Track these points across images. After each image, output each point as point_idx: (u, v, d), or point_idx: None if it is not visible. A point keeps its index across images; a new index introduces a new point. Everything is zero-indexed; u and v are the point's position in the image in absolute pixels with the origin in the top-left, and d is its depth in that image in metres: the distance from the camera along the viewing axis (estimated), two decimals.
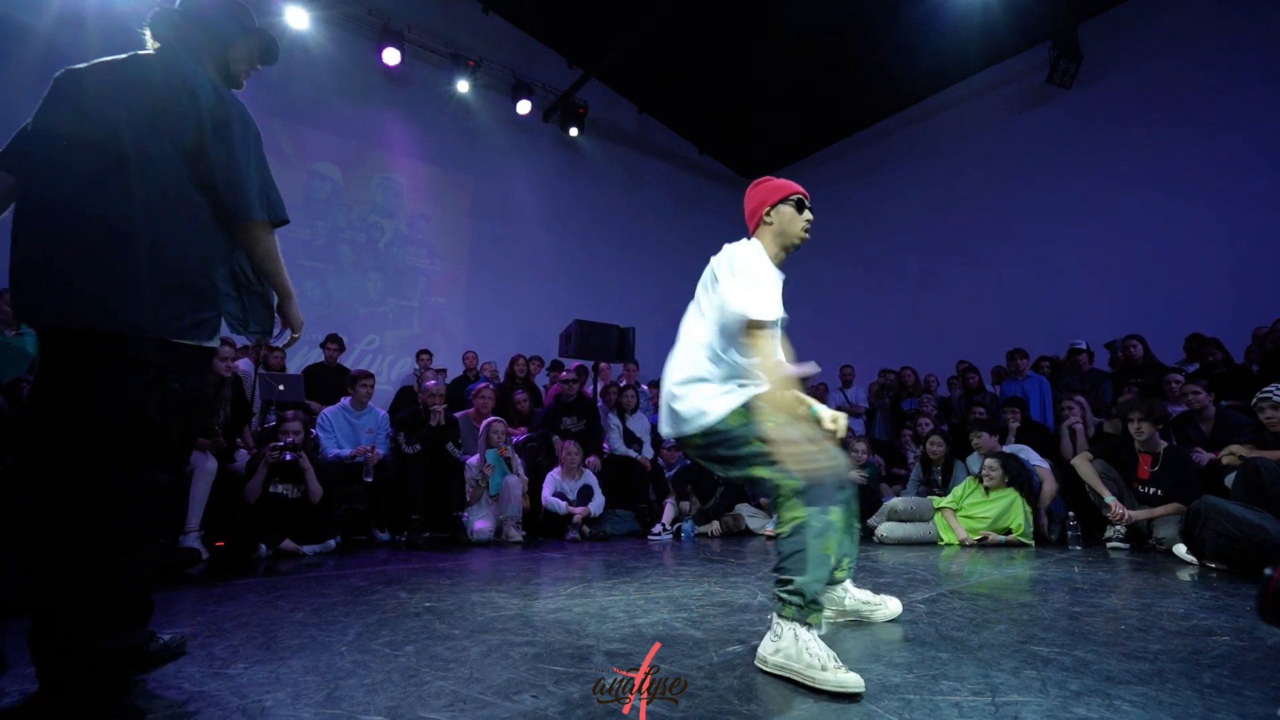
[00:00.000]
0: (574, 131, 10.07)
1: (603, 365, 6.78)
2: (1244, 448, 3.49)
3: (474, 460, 4.75)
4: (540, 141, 10.24)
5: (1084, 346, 6.15)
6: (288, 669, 1.58)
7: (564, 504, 4.79)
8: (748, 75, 10.23)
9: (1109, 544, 3.98)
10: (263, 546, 3.63)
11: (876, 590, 2.21)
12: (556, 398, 5.87)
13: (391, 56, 8.07)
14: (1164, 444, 3.91)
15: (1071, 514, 4.10)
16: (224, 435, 3.90)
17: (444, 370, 7.28)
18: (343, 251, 8.04)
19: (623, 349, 6.06)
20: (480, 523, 4.47)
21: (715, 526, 5.08)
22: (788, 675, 1.48)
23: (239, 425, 4.38)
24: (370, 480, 4.32)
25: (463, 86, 8.95)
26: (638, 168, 11.44)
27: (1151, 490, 3.86)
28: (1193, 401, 4.35)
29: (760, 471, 1.63)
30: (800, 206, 2.06)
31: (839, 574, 2.07)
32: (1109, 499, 3.94)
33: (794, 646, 1.49)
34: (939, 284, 9.50)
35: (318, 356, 6.14)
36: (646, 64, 10.31)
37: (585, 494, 4.95)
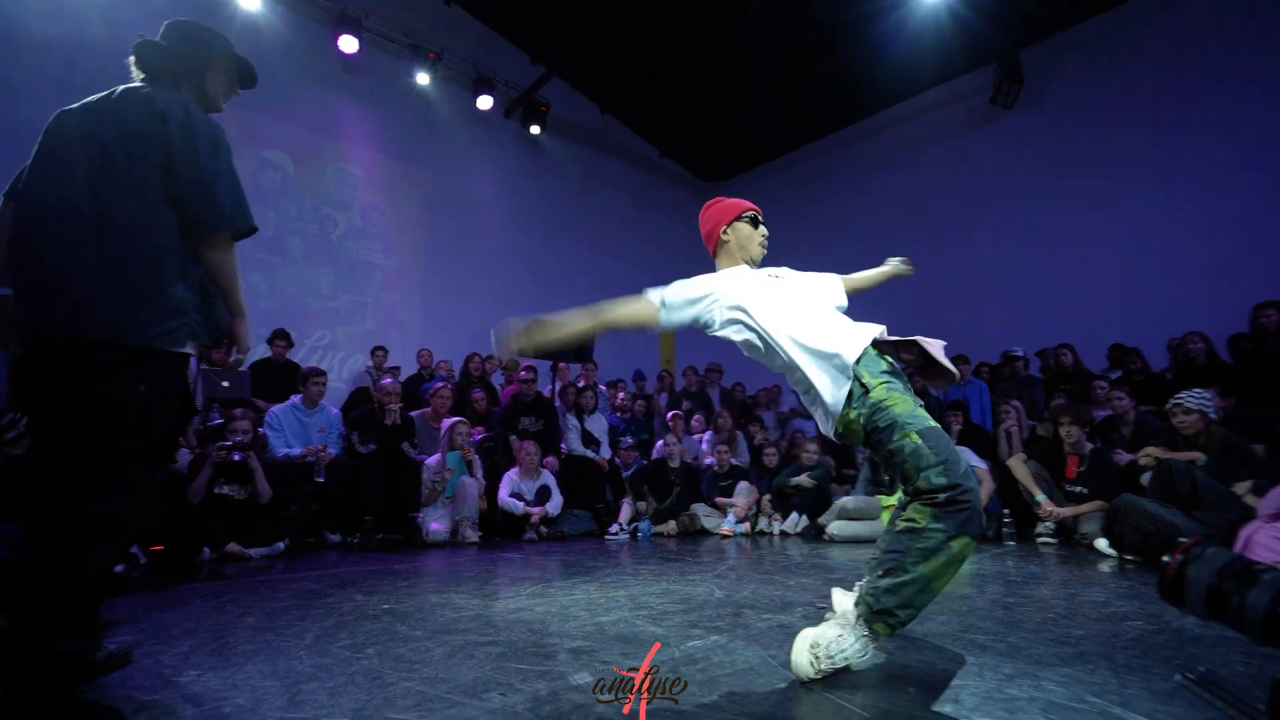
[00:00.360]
0: (536, 129, 10.01)
1: (561, 365, 6.78)
2: (1159, 449, 3.77)
3: (431, 460, 4.69)
4: (501, 138, 10.14)
5: (1020, 354, 6.49)
6: (244, 675, 1.56)
7: (521, 504, 4.79)
8: (710, 80, 10.38)
9: (1039, 539, 4.24)
10: (206, 550, 3.51)
11: (829, 585, 2.31)
12: (514, 397, 5.85)
13: (348, 44, 7.87)
14: (1090, 446, 4.18)
15: (1007, 511, 4.34)
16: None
17: (397, 368, 7.15)
18: (293, 244, 7.79)
19: (581, 350, 6.08)
20: (435, 524, 4.42)
21: (671, 526, 5.16)
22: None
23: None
24: (321, 480, 4.22)
25: (422, 79, 8.79)
26: (599, 168, 11.45)
27: (1078, 489, 4.12)
28: (1116, 407, 4.66)
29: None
30: (754, 222, 2.13)
31: None
32: (1040, 497, 4.20)
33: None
34: (888, 292, 9.82)
35: (265, 352, 5.93)
36: (610, 64, 10.34)
37: (543, 494, 4.95)
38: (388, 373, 6.34)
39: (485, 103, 9.42)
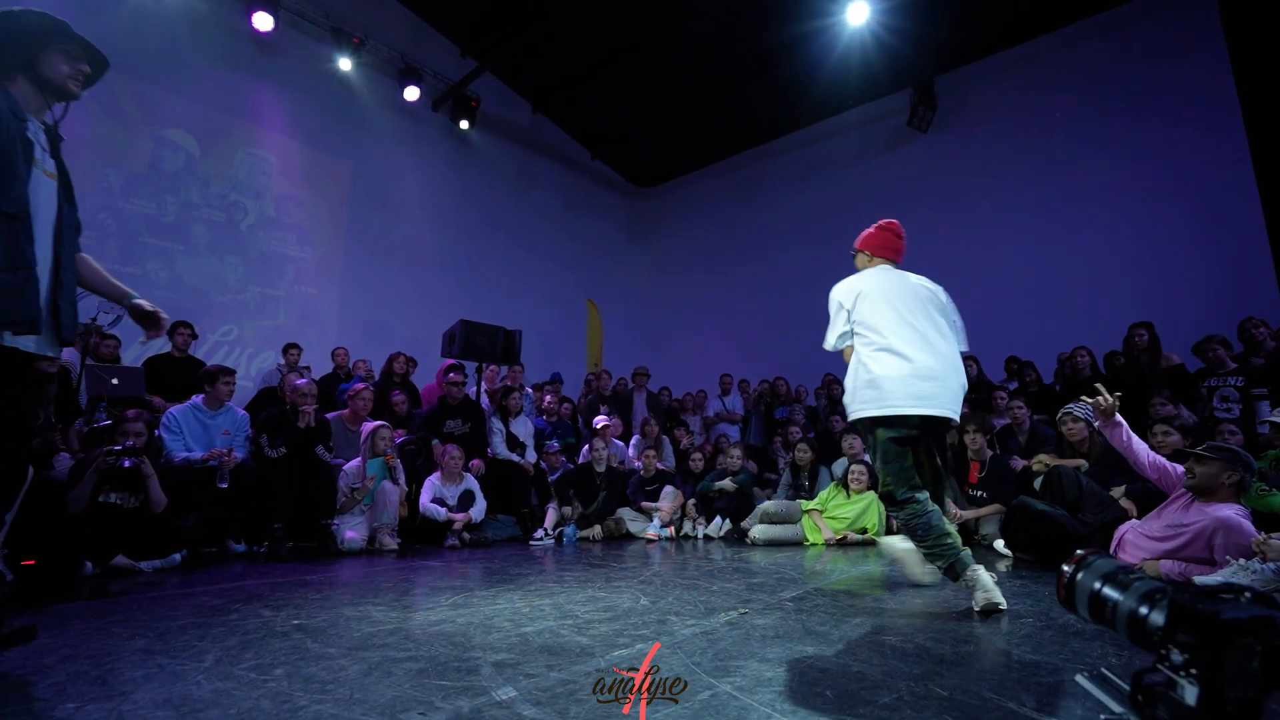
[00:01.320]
0: (465, 124, 9.79)
1: (488, 367, 6.64)
2: (1049, 456, 4.11)
3: (350, 466, 4.48)
4: (428, 131, 9.84)
5: None
6: (132, 705, 1.43)
7: (444, 510, 4.64)
8: (644, 85, 10.46)
9: None
10: (89, 564, 3.20)
11: (750, 590, 2.37)
12: (440, 400, 5.67)
13: (263, 21, 7.43)
14: (990, 453, 4.49)
15: None
16: (43, 437, 3.39)
17: (308, 367, 6.76)
18: (196, 231, 7.25)
19: (509, 351, 5.97)
20: (351, 531, 4.22)
21: (597, 531, 5.15)
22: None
23: (62, 425, 3.83)
24: (225, 486, 3.94)
25: (345, 65, 8.42)
26: (529, 167, 11.31)
27: (979, 493, 4.42)
28: (1014, 416, 5.04)
29: None
30: None
31: None
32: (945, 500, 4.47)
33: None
34: (810, 300, 10.23)
35: (162, 346, 5.48)
36: (543, 63, 10.24)
37: (466, 499, 4.82)
38: (300, 372, 5.99)
39: (412, 94, 9.13)
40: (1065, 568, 1.09)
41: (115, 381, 4.31)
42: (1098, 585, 1.03)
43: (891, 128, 9.79)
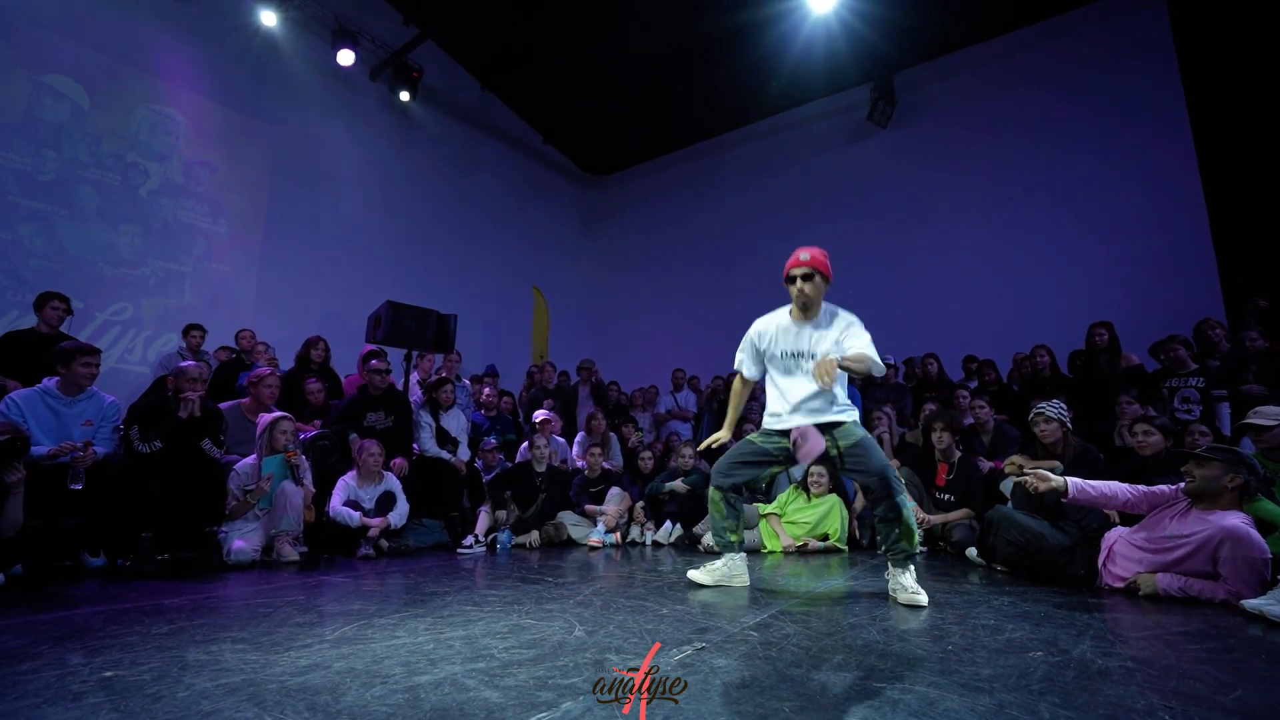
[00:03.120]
0: (405, 95, 9.09)
1: (428, 356, 6.04)
2: (1023, 458, 3.85)
3: (242, 465, 3.84)
4: (363, 101, 9.09)
5: (891, 361, 6.67)
6: None
7: (358, 515, 4.06)
8: (600, 70, 9.98)
9: None
10: None
11: (706, 614, 1.95)
12: (361, 389, 5.05)
13: None
14: (958, 454, 4.22)
15: None
16: None
17: (230, 349, 5.98)
18: (83, 193, 6.37)
19: (441, 337, 5.40)
20: (240, 540, 3.59)
21: (534, 537, 4.65)
22: None
23: None
24: (79, 488, 3.26)
25: (269, 19, 7.64)
26: (475, 147, 10.65)
27: (947, 497, 4.14)
28: (979, 415, 4.80)
29: None
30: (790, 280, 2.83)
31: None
32: (911, 504, 4.17)
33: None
34: (766, 295, 9.97)
35: (25, 320, 4.68)
36: (493, 37, 9.63)
37: (386, 502, 4.25)
38: (197, 355, 5.27)
39: (346, 58, 8.37)
40: None
41: None
42: None
43: (852, 122, 9.62)
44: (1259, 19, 6.92)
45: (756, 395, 5.48)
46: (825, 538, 4.30)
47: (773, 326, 2.97)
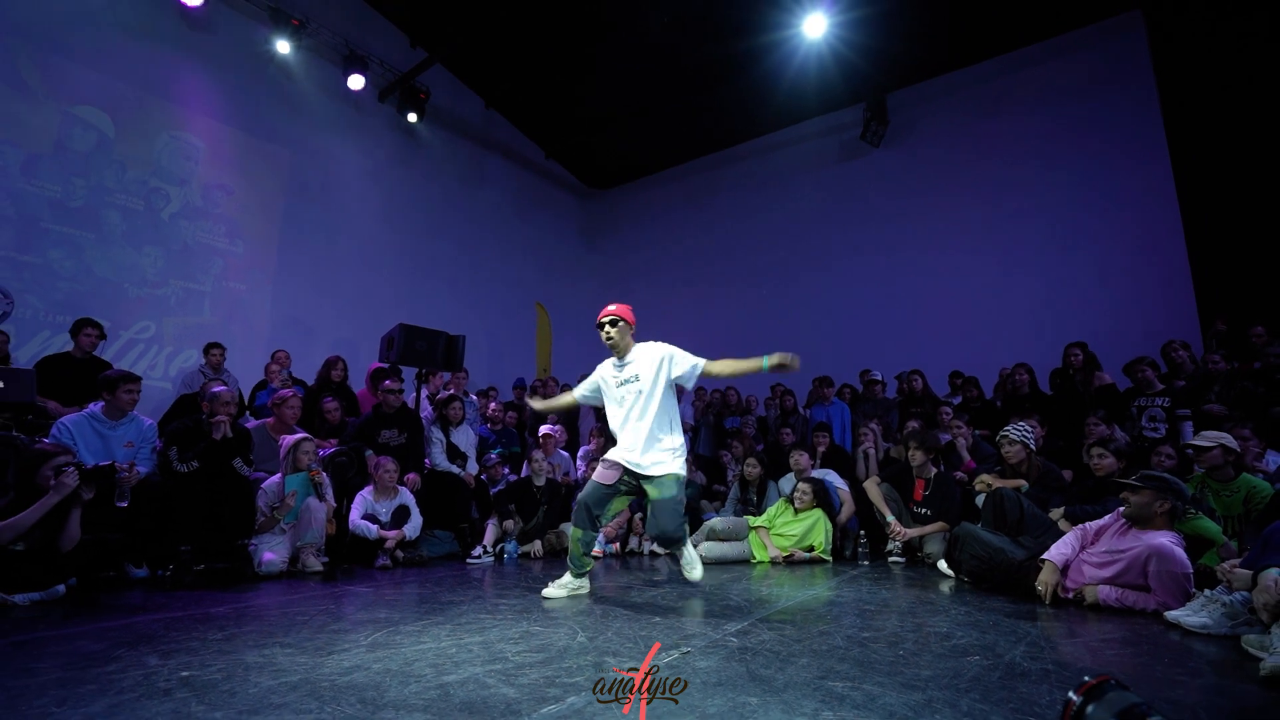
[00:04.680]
0: (413, 117, 9.41)
1: (430, 373, 6.35)
2: (991, 476, 4.15)
3: (269, 484, 4.15)
4: (373, 123, 9.42)
5: (878, 377, 6.97)
6: None
7: (375, 528, 4.37)
8: (601, 85, 10.30)
9: (889, 558, 4.52)
10: None
11: (694, 621, 2.24)
12: (376, 408, 5.36)
13: None
14: (935, 470, 4.52)
15: (863, 532, 4.60)
16: None
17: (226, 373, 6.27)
18: (110, 218, 6.69)
19: (451, 357, 5.71)
20: (269, 553, 3.90)
21: (537, 546, 4.96)
22: None
23: None
24: (125, 505, 3.57)
25: (283, 47, 7.96)
26: (479, 164, 10.98)
27: (924, 511, 4.44)
28: (956, 434, 5.10)
29: None
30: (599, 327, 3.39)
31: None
32: (890, 518, 4.48)
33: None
34: (760, 308, 10.30)
35: (61, 345, 4.99)
36: (497, 57, 9.96)
37: (400, 515, 4.56)
38: (218, 379, 5.57)
39: (356, 82, 8.71)
40: (1073, 697, 0.99)
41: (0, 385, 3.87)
42: None
43: (845, 141, 9.93)
44: (1236, 46, 7.23)
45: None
46: (811, 549, 4.60)
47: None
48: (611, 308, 3.50)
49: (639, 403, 3.32)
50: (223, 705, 1.70)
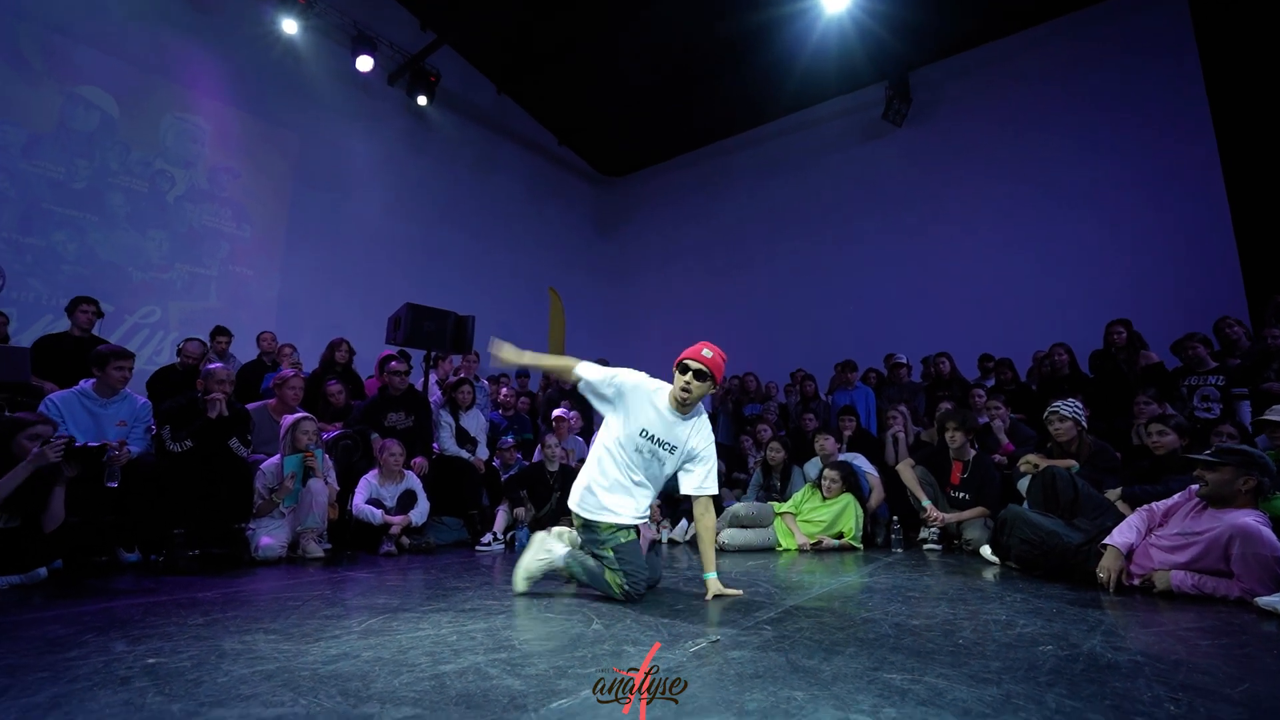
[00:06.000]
0: (423, 100, 9.21)
1: (448, 357, 6.14)
2: (1038, 456, 3.85)
3: (268, 465, 3.95)
4: (383, 106, 9.23)
5: (904, 360, 6.66)
6: None
7: (380, 513, 4.16)
8: (614, 71, 10.04)
9: (924, 545, 4.23)
10: None
11: (720, 609, 1.99)
12: (382, 390, 5.16)
13: None
14: (973, 452, 4.22)
15: (895, 518, 4.31)
16: None
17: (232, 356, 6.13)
18: (114, 200, 6.56)
19: (460, 338, 5.49)
20: (267, 538, 3.70)
21: None
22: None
23: None
24: (115, 485, 3.38)
25: (289, 27, 7.78)
26: (491, 149, 10.77)
27: (961, 495, 4.15)
28: (994, 415, 4.79)
29: None
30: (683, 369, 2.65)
31: None
32: (925, 503, 4.19)
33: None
34: (780, 294, 9.99)
35: (59, 324, 4.84)
36: (509, 41, 9.74)
37: (407, 500, 4.35)
38: (224, 359, 5.41)
39: (365, 64, 8.52)
40: None
41: None
42: None
43: (866, 121, 9.59)
44: None
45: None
46: (840, 536, 4.32)
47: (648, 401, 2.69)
48: (707, 354, 2.61)
49: (654, 471, 2.71)
50: (183, 696, 1.47)
